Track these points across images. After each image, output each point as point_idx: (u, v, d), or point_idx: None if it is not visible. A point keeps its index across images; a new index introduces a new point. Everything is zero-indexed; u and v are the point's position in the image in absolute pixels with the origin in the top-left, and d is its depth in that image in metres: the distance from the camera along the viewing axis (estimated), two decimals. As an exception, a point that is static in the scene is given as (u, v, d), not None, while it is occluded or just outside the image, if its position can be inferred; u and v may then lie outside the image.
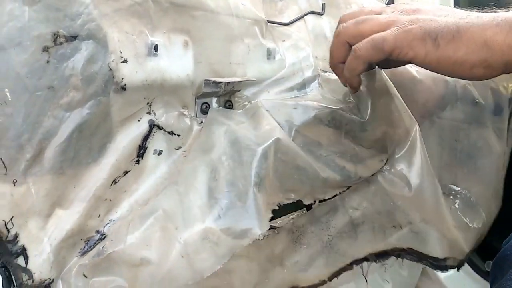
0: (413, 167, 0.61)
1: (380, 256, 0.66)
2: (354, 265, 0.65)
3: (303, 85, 0.59)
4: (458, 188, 0.71)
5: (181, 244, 0.48)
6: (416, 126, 0.60)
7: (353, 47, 0.50)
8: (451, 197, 0.71)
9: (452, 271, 1.00)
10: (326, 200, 0.60)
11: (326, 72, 0.60)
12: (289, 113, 0.55)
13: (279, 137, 0.50)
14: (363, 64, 0.50)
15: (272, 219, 0.75)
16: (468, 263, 0.98)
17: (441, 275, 0.98)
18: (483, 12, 0.49)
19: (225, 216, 0.49)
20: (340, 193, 0.61)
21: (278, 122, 0.53)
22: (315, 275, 0.62)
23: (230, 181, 0.49)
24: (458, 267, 0.71)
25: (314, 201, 0.59)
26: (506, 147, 0.76)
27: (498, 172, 0.75)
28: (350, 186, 0.62)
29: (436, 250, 0.65)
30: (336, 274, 0.64)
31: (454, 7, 0.99)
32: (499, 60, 0.45)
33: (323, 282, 0.63)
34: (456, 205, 0.70)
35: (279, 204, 0.56)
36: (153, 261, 0.47)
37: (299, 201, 0.58)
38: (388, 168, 0.63)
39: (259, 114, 0.53)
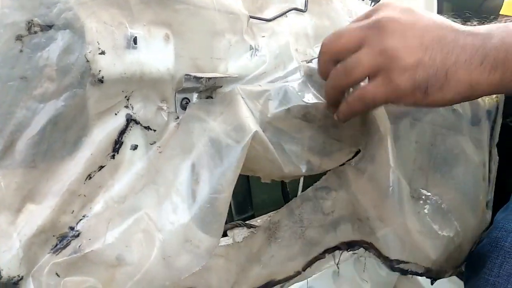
0: (378, 165, 0.62)
1: (351, 245, 0.67)
2: (326, 254, 0.66)
3: (285, 79, 0.58)
4: (429, 194, 0.71)
5: (162, 246, 0.47)
6: (389, 125, 0.60)
7: (344, 100, 0.52)
8: (421, 201, 0.71)
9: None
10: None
11: (308, 62, 0.60)
12: (264, 104, 0.55)
13: (257, 130, 0.50)
14: (352, 113, 0.53)
15: (252, 217, 0.75)
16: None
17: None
18: (465, 25, 0.49)
19: (206, 220, 0.49)
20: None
21: (251, 112, 0.53)
22: (290, 267, 0.63)
23: (211, 185, 0.49)
24: (427, 274, 0.70)
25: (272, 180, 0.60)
26: (485, 158, 0.77)
27: (477, 183, 0.75)
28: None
29: (389, 250, 0.64)
30: (310, 263, 0.65)
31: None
32: (480, 95, 0.48)
33: (298, 273, 0.64)
34: (426, 211, 0.70)
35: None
36: (131, 262, 0.46)
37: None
38: (356, 161, 0.63)
39: (235, 101, 0.52)
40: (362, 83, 0.51)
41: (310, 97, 0.57)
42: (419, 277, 1.00)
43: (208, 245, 0.49)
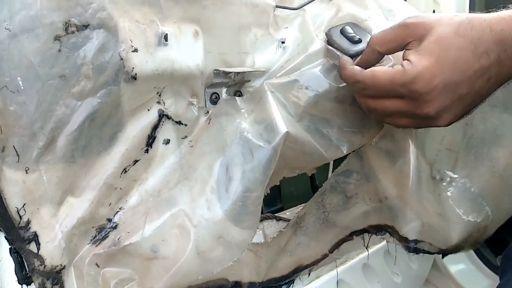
0: (398, 143, 0.61)
1: (379, 229, 0.67)
2: (354, 236, 0.67)
3: (308, 61, 0.58)
4: (456, 176, 0.69)
5: (196, 241, 0.49)
6: None
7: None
8: (444, 183, 0.69)
9: (463, 265, 1.00)
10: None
11: (329, 45, 0.59)
12: (295, 94, 0.55)
13: (288, 131, 0.50)
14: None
15: (281, 209, 0.76)
16: (479, 258, 0.98)
17: (452, 269, 0.98)
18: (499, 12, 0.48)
19: (237, 216, 0.50)
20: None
21: (284, 104, 0.54)
22: (317, 251, 0.64)
23: (244, 183, 0.50)
24: (441, 253, 0.69)
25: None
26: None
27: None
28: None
29: (406, 229, 0.64)
30: (336, 245, 0.66)
31: (470, 11, 0.99)
32: None
33: (325, 256, 0.65)
34: (449, 193, 0.68)
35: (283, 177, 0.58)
36: (167, 256, 0.47)
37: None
38: (376, 140, 0.62)
39: (265, 99, 0.53)
40: None
41: (338, 78, 0.57)
42: (452, 271, 0.99)
43: (240, 241, 0.51)
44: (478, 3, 1.02)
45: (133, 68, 0.44)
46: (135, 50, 0.44)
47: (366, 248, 0.70)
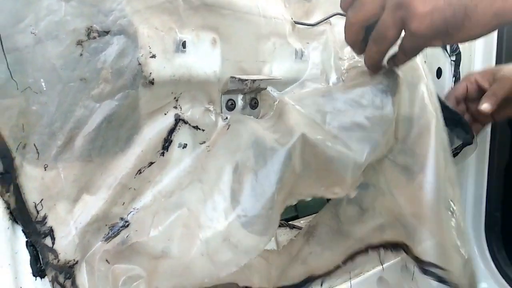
0: (418, 158, 0.60)
1: (395, 246, 0.65)
2: (370, 250, 0.65)
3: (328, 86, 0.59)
4: (455, 208, 0.66)
5: (202, 242, 0.49)
6: (435, 119, 0.59)
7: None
8: (449, 212, 0.66)
9: (485, 285, 0.97)
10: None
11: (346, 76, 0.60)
12: (317, 101, 0.55)
13: (304, 132, 0.50)
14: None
15: (296, 217, 0.76)
16: (503, 277, 0.95)
17: (472, 289, 0.95)
18: None
19: (246, 221, 0.50)
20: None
21: (309, 111, 0.53)
22: (329, 262, 0.63)
23: (253, 186, 0.50)
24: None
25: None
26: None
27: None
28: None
29: (422, 250, 0.62)
30: (350, 257, 0.65)
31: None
32: (508, 23, 0.46)
33: (338, 267, 0.64)
34: (452, 223, 0.65)
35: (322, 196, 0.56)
36: (173, 256, 0.48)
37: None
38: (394, 154, 0.62)
39: (285, 110, 0.54)
40: None
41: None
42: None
43: (249, 246, 0.50)
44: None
45: (150, 73, 0.45)
46: (153, 56, 0.45)
47: (381, 264, 0.69)
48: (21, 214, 0.40)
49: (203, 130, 0.52)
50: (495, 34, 1.01)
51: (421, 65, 0.61)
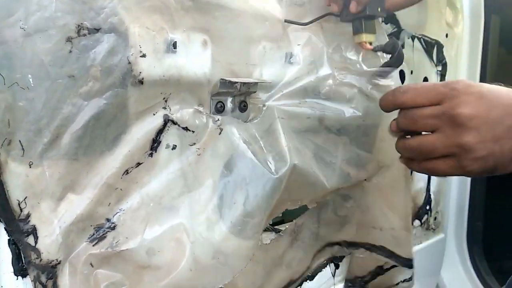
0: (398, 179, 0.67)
1: (352, 245, 0.72)
2: (327, 247, 0.71)
3: (316, 85, 0.59)
4: None
5: (192, 258, 0.49)
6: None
7: (416, 163, 0.54)
8: None
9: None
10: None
11: (341, 73, 0.61)
12: (302, 123, 0.58)
13: (296, 163, 0.54)
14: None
15: (281, 222, 0.76)
16: (484, 286, 0.96)
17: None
18: None
19: (237, 240, 0.52)
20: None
21: (292, 131, 0.56)
22: (303, 264, 0.67)
23: (245, 207, 0.52)
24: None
25: (316, 203, 0.64)
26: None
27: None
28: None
29: (409, 252, 0.72)
30: (314, 256, 0.70)
31: (484, 34, 1.00)
32: None
33: (308, 268, 0.68)
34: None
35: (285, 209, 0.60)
36: (160, 267, 0.48)
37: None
38: (381, 173, 0.67)
39: (274, 127, 0.56)
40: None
41: (346, 110, 0.60)
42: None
43: (234, 264, 0.52)
44: (493, 27, 1.02)
45: (140, 72, 0.45)
46: (144, 56, 0.45)
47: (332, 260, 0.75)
48: (4, 212, 0.40)
49: (193, 132, 0.52)
50: (479, 46, 1.03)
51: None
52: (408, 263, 0.72)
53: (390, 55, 0.60)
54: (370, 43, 0.60)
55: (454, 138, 0.48)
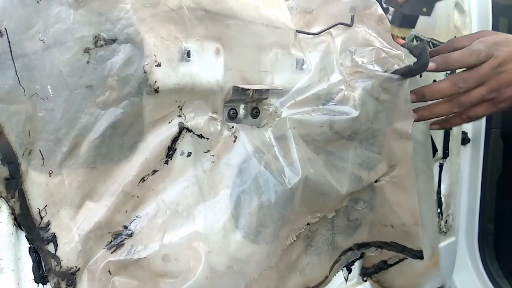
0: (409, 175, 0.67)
1: (363, 246, 0.74)
2: (342, 256, 0.72)
3: (328, 92, 0.60)
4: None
5: (208, 266, 0.50)
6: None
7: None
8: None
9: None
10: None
11: (351, 80, 0.62)
12: (314, 131, 0.59)
13: (307, 175, 0.55)
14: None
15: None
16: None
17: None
18: None
19: (250, 250, 0.53)
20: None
21: (305, 141, 0.58)
22: (320, 273, 0.67)
23: (260, 220, 0.54)
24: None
25: (335, 211, 0.64)
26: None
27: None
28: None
29: (419, 245, 0.73)
30: (332, 267, 0.70)
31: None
32: None
33: (326, 277, 0.68)
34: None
35: (308, 223, 0.61)
36: (176, 275, 0.49)
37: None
38: (392, 176, 0.68)
39: (287, 137, 0.57)
40: None
41: (357, 114, 0.61)
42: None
43: (248, 272, 0.54)
44: (501, 29, 1.02)
45: (155, 81, 0.46)
46: (159, 65, 0.46)
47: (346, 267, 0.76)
48: (25, 220, 0.40)
49: (207, 139, 0.52)
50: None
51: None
52: (419, 255, 0.74)
53: (415, 60, 0.59)
54: (404, 38, 0.59)
55: (496, 85, 0.61)
